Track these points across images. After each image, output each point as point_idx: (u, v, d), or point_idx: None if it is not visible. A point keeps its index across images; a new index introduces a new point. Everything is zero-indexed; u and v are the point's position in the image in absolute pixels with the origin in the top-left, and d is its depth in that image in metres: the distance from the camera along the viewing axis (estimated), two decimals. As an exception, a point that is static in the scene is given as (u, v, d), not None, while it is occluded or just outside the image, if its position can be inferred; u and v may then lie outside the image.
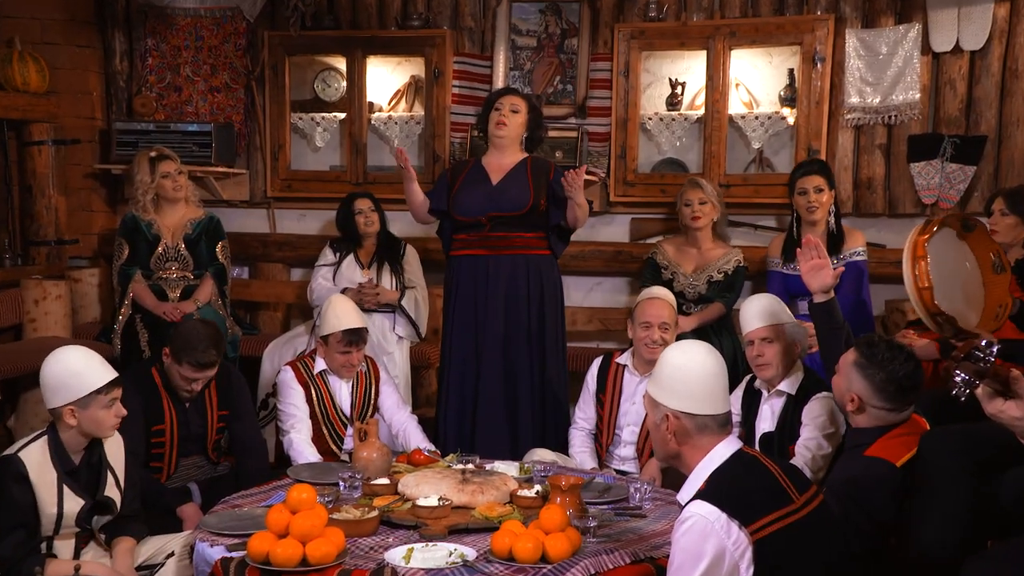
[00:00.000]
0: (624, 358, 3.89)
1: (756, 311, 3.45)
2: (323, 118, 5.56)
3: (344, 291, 4.59)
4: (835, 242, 4.25)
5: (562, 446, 4.00)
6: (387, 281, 4.79)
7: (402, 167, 4.20)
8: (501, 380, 4.14)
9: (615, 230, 5.28)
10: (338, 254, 4.89)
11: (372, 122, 5.46)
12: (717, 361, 2.40)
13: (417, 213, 4.34)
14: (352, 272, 4.83)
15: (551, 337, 4.21)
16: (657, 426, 2.40)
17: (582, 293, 5.32)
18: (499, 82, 5.26)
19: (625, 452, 3.83)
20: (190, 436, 3.73)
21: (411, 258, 4.94)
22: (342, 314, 3.88)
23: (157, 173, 4.71)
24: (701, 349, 2.41)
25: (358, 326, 3.88)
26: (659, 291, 3.93)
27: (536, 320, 4.17)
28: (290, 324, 5.60)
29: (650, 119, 5.16)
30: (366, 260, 4.87)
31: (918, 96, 4.79)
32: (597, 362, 3.95)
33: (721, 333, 4.44)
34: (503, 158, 4.21)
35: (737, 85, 5.11)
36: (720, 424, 2.36)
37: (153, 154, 4.76)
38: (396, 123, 5.44)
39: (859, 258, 4.25)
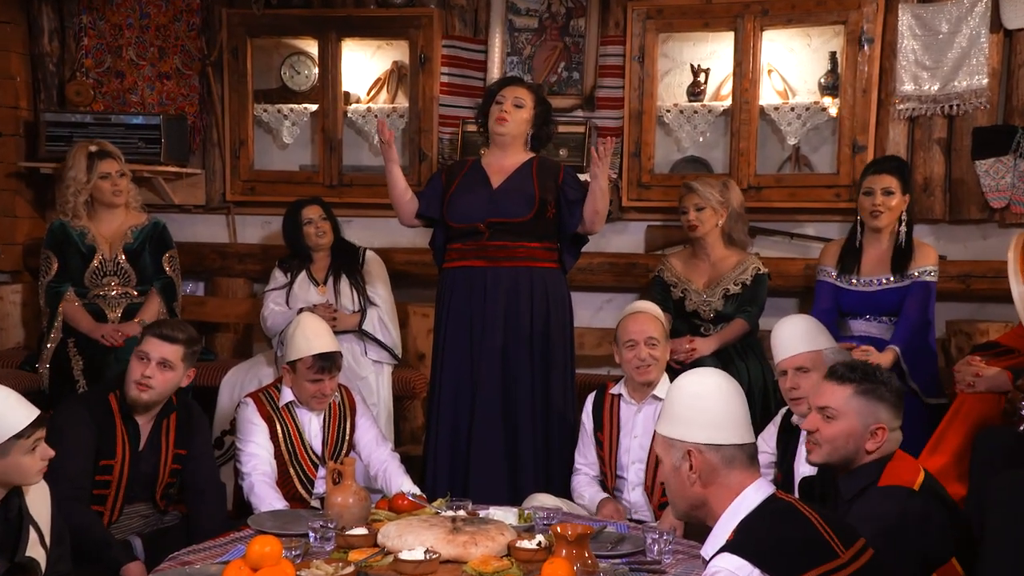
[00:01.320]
0: (618, 387, 3.93)
1: (789, 335, 3.44)
2: (291, 110, 5.55)
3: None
4: (902, 258, 4.25)
5: (568, 490, 4.02)
6: (347, 298, 4.81)
7: (382, 142, 4.18)
8: (499, 413, 4.14)
9: (628, 239, 5.28)
10: (288, 274, 4.90)
11: (348, 115, 5.46)
12: (734, 385, 2.43)
13: (401, 206, 4.32)
14: (307, 292, 4.85)
15: (558, 363, 4.21)
16: (676, 470, 2.39)
17: (590, 312, 5.29)
18: (494, 69, 5.26)
19: (634, 496, 3.84)
20: (139, 477, 3.66)
21: (372, 266, 4.95)
22: (312, 336, 3.88)
23: (95, 172, 4.67)
24: (714, 373, 2.45)
25: (331, 350, 3.88)
26: (641, 305, 3.99)
27: (541, 343, 4.18)
28: (252, 349, 5.59)
29: (668, 111, 5.16)
30: (320, 276, 4.89)
31: (985, 82, 4.75)
32: (591, 398, 4.00)
33: (747, 356, 4.44)
34: (505, 158, 4.24)
35: (770, 72, 5.10)
36: (749, 456, 2.37)
37: (93, 148, 4.72)
38: (376, 116, 5.42)
39: (929, 277, 4.24)
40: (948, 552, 2.65)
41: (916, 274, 4.22)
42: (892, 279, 4.23)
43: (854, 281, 4.29)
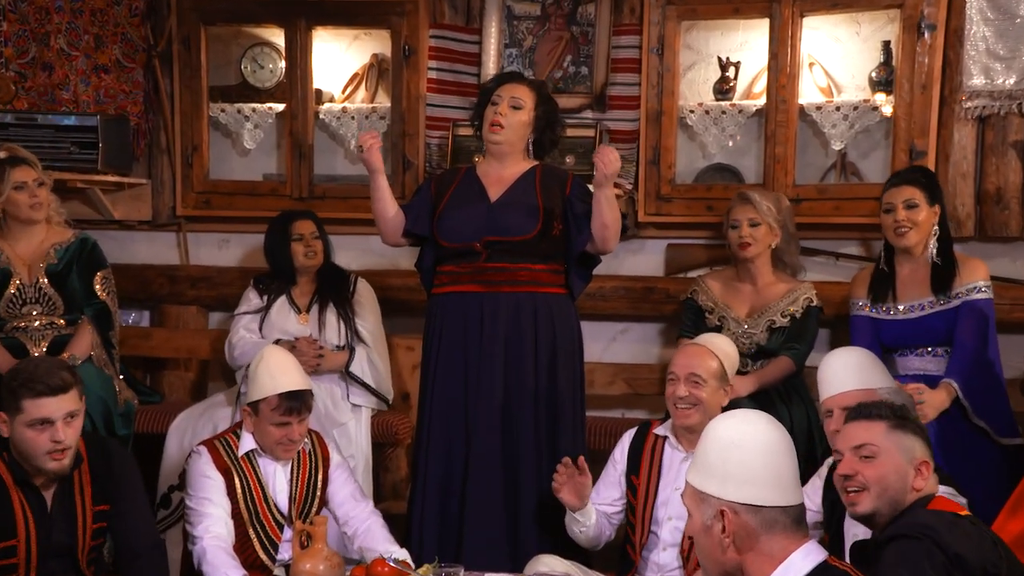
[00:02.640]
0: (663, 428, 3.94)
1: (839, 370, 3.41)
2: (254, 110, 5.55)
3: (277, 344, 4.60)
4: (942, 276, 4.22)
5: (580, 552, 4.01)
6: (333, 331, 4.83)
7: (359, 151, 4.17)
8: (498, 462, 4.14)
9: (646, 260, 5.28)
10: (266, 296, 4.91)
11: (320, 116, 5.47)
12: (781, 434, 2.43)
13: (386, 222, 4.31)
14: (285, 320, 4.86)
15: (566, 404, 4.21)
16: (707, 529, 2.38)
17: (602, 344, 5.30)
18: (490, 64, 5.23)
19: (665, 559, 3.81)
20: (52, 548, 3.54)
21: (364, 296, 4.97)
22: (278, 371, 3.86)
23: (7, 183, 4.61)
24: (757, 418, 2.46)
25: (300, 388, 3.85)
26: (707, 337, 4.01)
27: (546, 380, 4.18)
28: (207, 389, 5.59)
29: (692, 112, 5.16)
30: (303, 303, 4.90)
31: (1071, 74, 4.78)
32: (630, 434, 4.01)
33: (790, 399, 4.41)
34: (504, 167, 4.25)
35: (811, 65, 5.08)
36: (794, 520, 2.35)
37: (2, 155, 4.67)
38: (353, 117, 5.44)
39: (980, 296, 4.20)
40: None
41: (964, 293, 4.20)
42: (935, 301, 4.21)
43: (891, 310, 4.28)
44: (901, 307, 4.26)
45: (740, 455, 2.34)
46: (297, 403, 3.81)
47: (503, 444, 4.13)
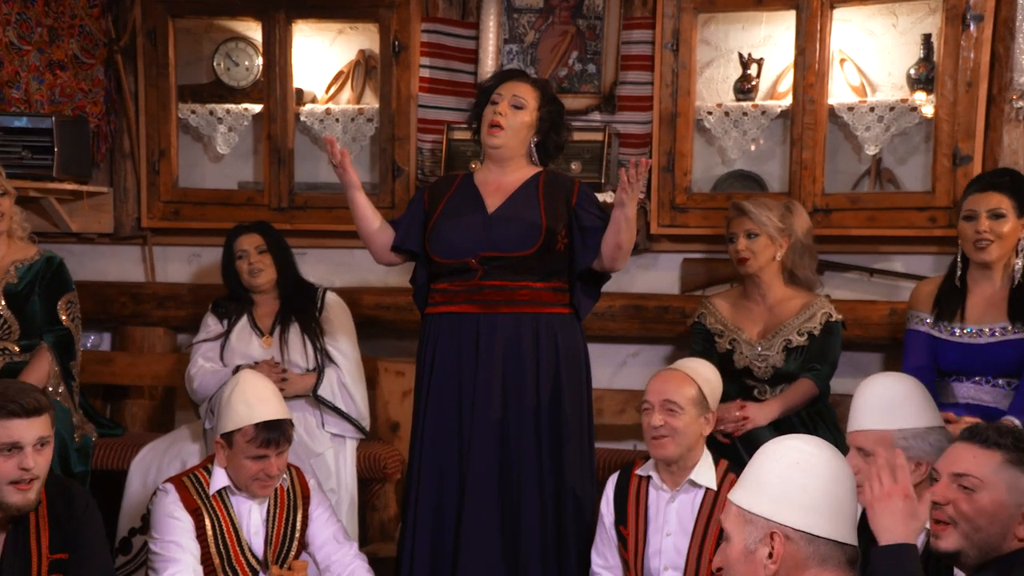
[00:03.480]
0: (646, 468, 3.93)
1: (864, 402, 3.33)
2: (228, 112, 5.53)
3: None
4: (1022, 301, 4.14)
5: None
6: (298, 353, 4.80)
7: (334, 165, 4.16)
8: (496, 501, 4.09)
9: (659, 276, 5.26)
10: (225, 320, 4.89)
11: (302, 119, 5.46)
12: (847, 468, 2.46)
13: (372, 240, 4.31)
14: (247, 345, 4.82)
15: (572, 436, 4.16)
16: (749, 555, 2.41)
17: (611, 369, 5.30)
18: (488, 61, 5.20)
19: None
20: None
21: (334, 312, 4.92)
22: (255, 399, 3.85)
23: None
24: (824, 445, 2.48)
25: (279, 417, 3.85)
26: (684, 362, 4.01)
27: (549, 410, 4.14)
28: (174, 420, 5.56)
29: (710, 114, 5.14)
30: (266, 324, 4.86)
31: None
32: (612, 481, 4.00)
33: (815, 427, 4.34)
34: (504, 174, 4.22)
35: (843, 61, 5.05)
36: (848, 562, 2.37)
37: None
38: (337, 120, 5.43)
39: None
40: None
41: None
42: (1010, 329, 4.13)
43: (957, 331, 4.19)
44: (969, 329, 4.19)
45: (802, 478, 2.37)
46: (276, 434, 3.79)
47: (502, 482, 4.08)
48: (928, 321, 4.25)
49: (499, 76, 4.34)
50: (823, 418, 4.38)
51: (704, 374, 3.90)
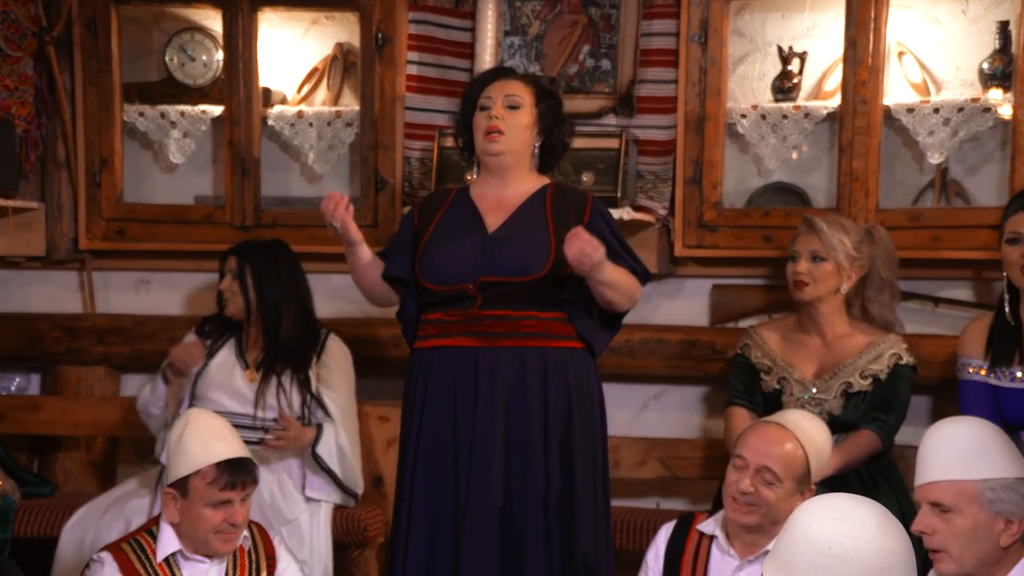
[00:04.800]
0: (710, 524, 3.84)
1: (936, 450, 3.20)
2: (183, 114, 5.52)
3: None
4: None
5: None
6: (283, 400, 4.80)
7: (333, 227, 4.12)
8: (498, 563, 4.03)
9: (685, 305, 5.28)
10: (208, 342, 4.86)
11: (270, 123, 5.45)
12: (901, 540, 2.49)
13: (374, 292, 4.33)
14: (229, 375, 4.83)
15: (584, 488, 4.11)
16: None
17: (630, 412, 5.28)
18: (486, 56, 5.17)
19: None
20: None
21: (334, 358, 4.92)
22: (211, 436, 3.81)
23: None
24: (868, 514, 2.49)
25: (241, 455, 3.79)
26: (796, 419, 3.90)
27: (559, 458, 4.09)
28: (117, 475, 5.53)
29: (745, 117, 5.10)
30: (253, 356, 4.85)
31: None
32: (666, 531, 3.90)
33: (876, 487, 4.29)
34: (505, 187, 4.19)
35: (901, 55, 5.00)
36: None
37: None
38: (311, 124, 5.42)
39: None
40: None
41: None
42: None
43: (1019, 374, 4.17)
44: None
45: (839, 569, 2.37)
46: (241, 475, 3.74)
47: (503, 548, 4.03)
48: (982, 368, 4.24)
49: (481, 79, 4.35)
50: (886, 476, 4.34)
51: (817, 442, 3.82)
